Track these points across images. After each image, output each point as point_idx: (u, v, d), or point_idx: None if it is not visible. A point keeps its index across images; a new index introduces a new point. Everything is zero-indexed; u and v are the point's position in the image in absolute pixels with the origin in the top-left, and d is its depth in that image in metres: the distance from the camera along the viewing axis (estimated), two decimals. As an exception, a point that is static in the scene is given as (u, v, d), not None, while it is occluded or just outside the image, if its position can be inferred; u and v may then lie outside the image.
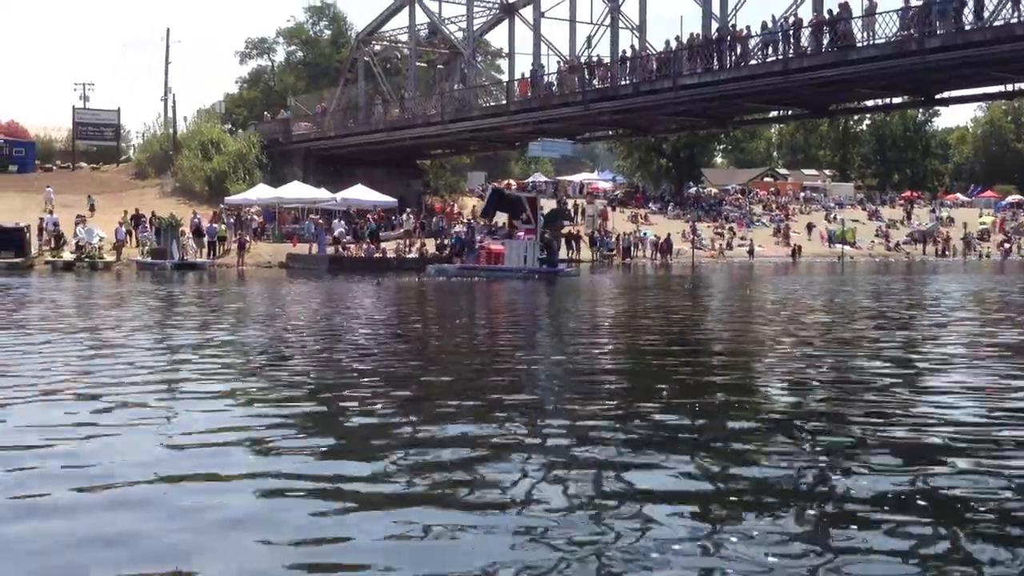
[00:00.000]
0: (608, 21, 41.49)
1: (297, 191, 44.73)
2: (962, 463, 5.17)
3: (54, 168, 58.17)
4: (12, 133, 61.08)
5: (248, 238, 41.27)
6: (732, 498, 4.54)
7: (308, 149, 53.20)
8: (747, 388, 8.03)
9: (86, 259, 36.18)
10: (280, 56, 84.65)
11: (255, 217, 44.76)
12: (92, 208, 44.43)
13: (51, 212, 40.18)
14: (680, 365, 9.63)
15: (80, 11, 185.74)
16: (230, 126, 62.71)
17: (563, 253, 45.58)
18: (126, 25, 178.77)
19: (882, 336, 12.38)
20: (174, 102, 60.07)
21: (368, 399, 7.18)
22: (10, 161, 55.33)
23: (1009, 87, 33.93)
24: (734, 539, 3.92)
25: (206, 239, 40.09)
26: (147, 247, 38.58)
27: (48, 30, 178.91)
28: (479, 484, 4.73)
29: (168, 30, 66.88)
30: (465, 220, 43.93)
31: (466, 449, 5.40)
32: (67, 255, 36.40)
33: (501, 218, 35.28)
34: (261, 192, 45.09)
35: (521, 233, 33.15)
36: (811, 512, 4.33)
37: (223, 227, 41.64)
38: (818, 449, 5.55)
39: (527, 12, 46.96)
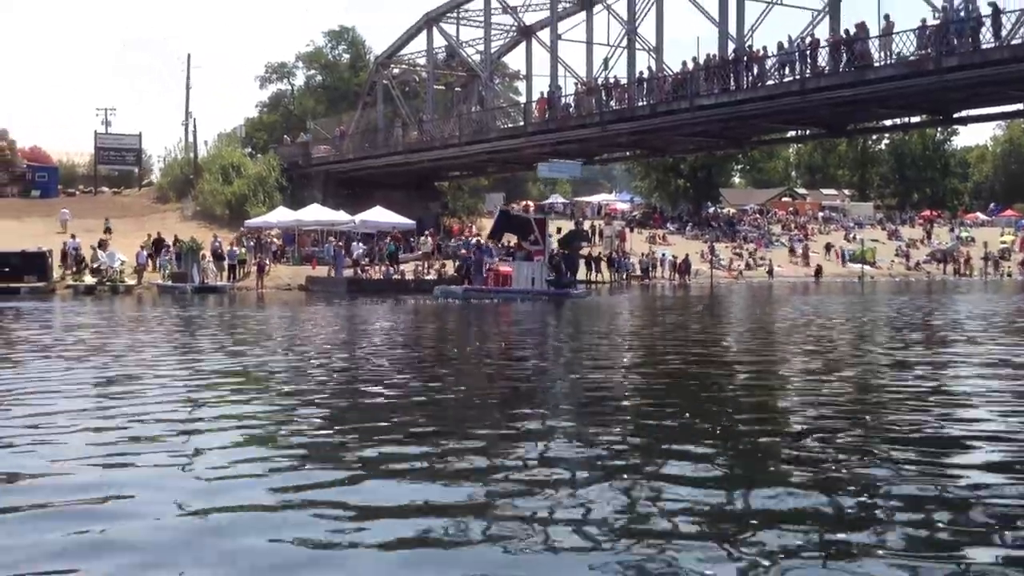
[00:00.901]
0: (625, 43, 41.67)
1: (316, 214, 45.01)
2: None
3: (76, 193, 58.70)
4: (35, 158, 61.66)
5: (268, 261, 41.50)
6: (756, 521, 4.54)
7: (327, 172, 53.56)
8: (775, 430, 7.97)
9: (107, 283, 36.45)
10: (300, 80, 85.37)
11: (275, 240, 45.03)
12: (108, 231, 44.85)
13: (73, 236, 40.50)
14: (686, 401, 9.45)
15: (103, 37, 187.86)
16: (250, 150, 63.14)
17: (583, 274, 45.77)
18: (148, 51, 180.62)
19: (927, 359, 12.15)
20: (195, 126, 60.63)
21: (376, 428, 7.18)
22: (33, 186, 55.90)
23: (1028, 105, 33.79)
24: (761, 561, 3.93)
25: (226, 262, 40.36)
26: (168, 271, 38.87)
27: (71, 56, 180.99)
28: (496, 508, 4.75)
29: (189, 56, 67.86)
30: (473, 241, 43.70)
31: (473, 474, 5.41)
32: (88, 279, 36.67)
33: (512, 239, 34.76)
34: (281, 215, 45.41)
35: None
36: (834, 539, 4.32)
37: (243, 250, 41.90)
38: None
39: (544, 34, 47.27)
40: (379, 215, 44.48)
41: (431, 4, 51.10)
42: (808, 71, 32.93)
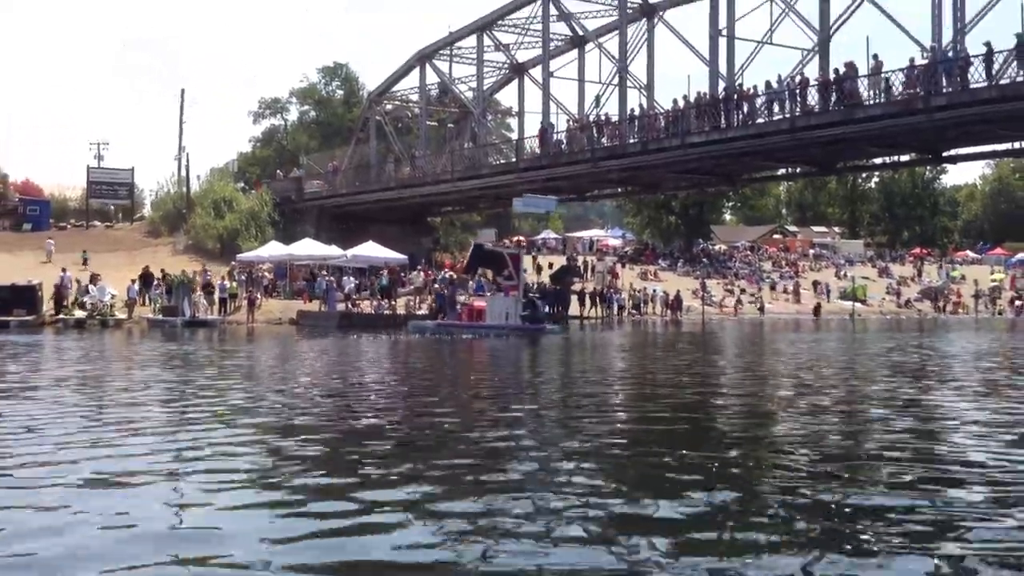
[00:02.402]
0: (616, 80, 41.99)
1: (308, 248, 45.01)
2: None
3: (68, 226, 58.74)
4: (27, 192, 61.89)
5: (259, 295, 41.44)
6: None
7: (320, 207, 53.68)
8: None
9: (98, 317, 36.33)
10: (293, 115, 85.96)
11: (266, 274, 44.99)
12: (85, 262, 45.18)
13: (64, 270, 40.39)
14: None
15: (96, 71, 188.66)
16: (243, 184, 63.31)
17: (575, 309, 45.79)
18: (142, 85, 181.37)
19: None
20: (187, 160, 60.74)
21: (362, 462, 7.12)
22: (24, 220, 55.94)
23: (1017, 144, 34.07)
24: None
25: (217, 296, 40.28)
26: (158, 304, 38.77)
27: (64, 90, 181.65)
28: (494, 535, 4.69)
29: (183, 90, 67.91)
30: (446, 276, 43.61)
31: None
32: (79, 313, 36.54)
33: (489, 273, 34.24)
34: (273, 249, 45.42)
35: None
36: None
37: (234, 284, 41.84)
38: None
39: (536, 72, 47.62)
40: (371, 250, 44.50)
41: (424, 41, 51.60)
42: (798, 110, 33.22)
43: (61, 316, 35.88)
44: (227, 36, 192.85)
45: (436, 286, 41.81)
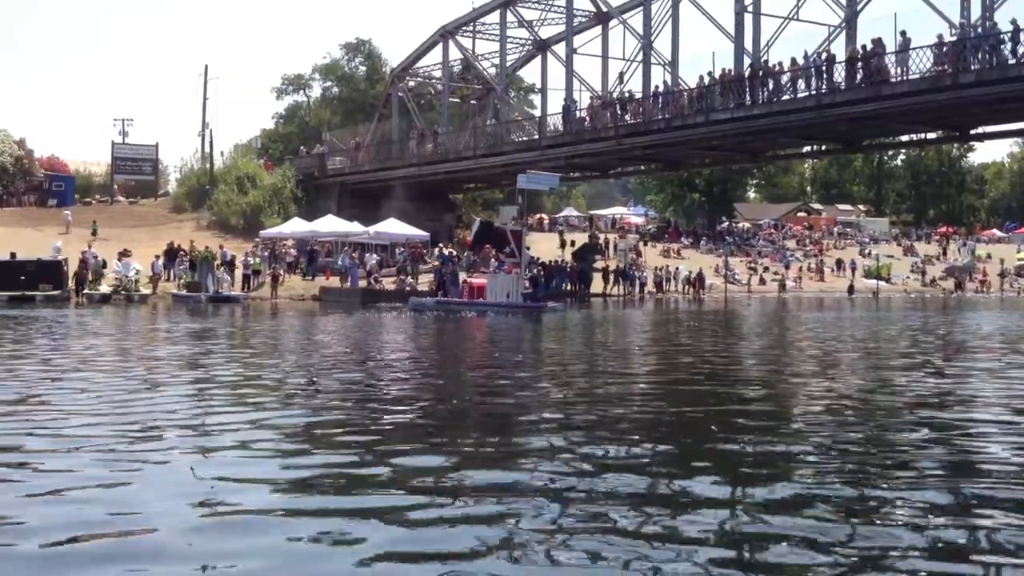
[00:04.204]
0: (640, 57, 41.67)
1: (331, 225, 45.11)
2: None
3: (92, 202, 59.09)
4: (52, 167, 62.23)
5: (282, 271, 41.59)
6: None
7: (343, 183, 53.73)
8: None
9: (123, 292, 36.60)
10: (316, 92, 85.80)
11: (290, 251, 45.13)
12: (94, 232, 45.97)
13: (90, 246, 40.69)
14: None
15: (120, 47, 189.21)
16: (266, 159, 63.44)
17: (598, 287, 45.73)
18: (165, 61, 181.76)
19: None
20: (211, 137, 60.88)
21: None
22: (50, 195, 56.31)
23: (1046, 122, 33.64)
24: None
25: (240, 272, 40.47)
26: (182, 280, 39.02)
27: (88, 65, 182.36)
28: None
29: (206, 67, 67.80)
30: (447, 253, 43.13)
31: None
32: (104, 288, 36.82)
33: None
34: (295, 226, 45.56)
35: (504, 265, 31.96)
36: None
37: (257, 260, 42.00)
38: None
39: (560, 48, 47.36)
40: (393, 227, 44.55)
41: (447, 17, 51.38)
42: (824, 86, 32.90)
43: (87, 291, 36.17)
44: (250, 12, 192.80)
45: (435, 263, 41.46)
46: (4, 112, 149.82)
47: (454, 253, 42.64)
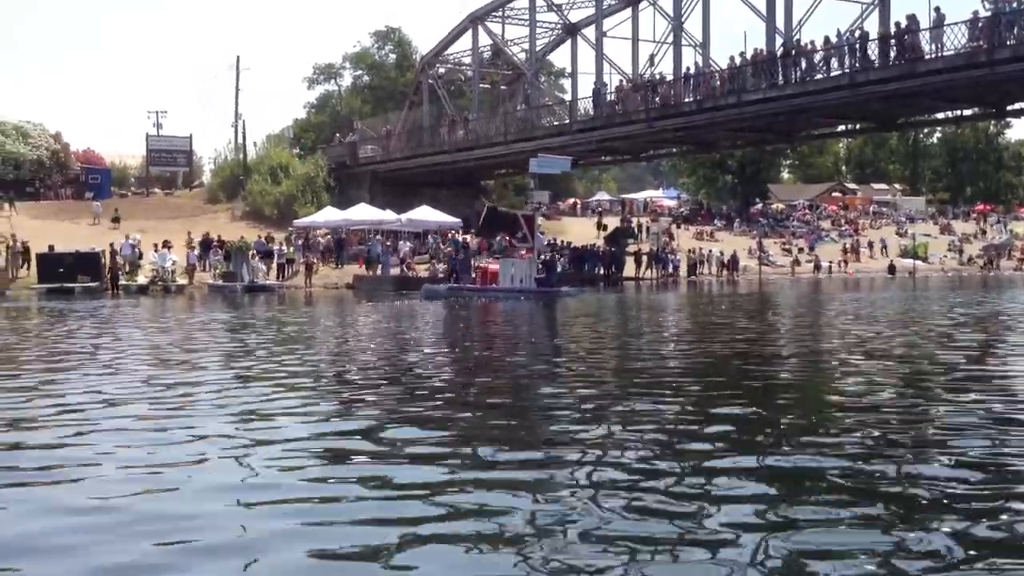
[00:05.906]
0: (671, 39, 41.46)
1: (363, 213, 45.34)
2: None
3: (128, 194, 59.73)
4: (88, 160, 62.87)
5: (315, 260, 41.87)
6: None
7: (374, 172, 53.92)
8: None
9: (160, 283, 37.02)
10: (347, 81, 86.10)
11: (321, 240, 45.41)
12: (116, 220, 47.10)
13: (127, 237, 41.13)
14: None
15: (154, 40, 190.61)
16: (298, 150, 63.82)
17: (631, 271, 45.65)
18: (198, 53, 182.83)
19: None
20: (244, 128, 61.34)
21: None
22: (86, 188, 56.94)
23: (1084, 97, 33.14)
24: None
25: (275, 261, 40.81)
26: (218, 270, 39.40)
27: (122, 59, 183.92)
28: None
29: (238, 58, 68.37)
30: (460, 240, 42.93)
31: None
32: (141, 279, 37.30)
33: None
34: (328, 215, 45.83)
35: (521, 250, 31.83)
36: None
37: (291, 249, 42.32)
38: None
39: (589, 32, 47.18)
40: (425, 214, 44.71)
41: (476, 3, 51.29)
42: (857, 64, 32.58)
43: (123, 282, 36.64)
44: (282, 2, 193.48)
45: (449, 249, 41.42)
46: (40, 106, 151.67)
47: (467, 239, 42.42)
